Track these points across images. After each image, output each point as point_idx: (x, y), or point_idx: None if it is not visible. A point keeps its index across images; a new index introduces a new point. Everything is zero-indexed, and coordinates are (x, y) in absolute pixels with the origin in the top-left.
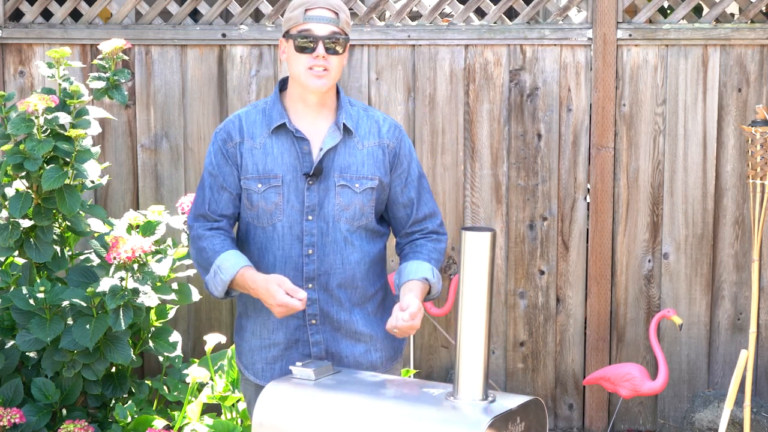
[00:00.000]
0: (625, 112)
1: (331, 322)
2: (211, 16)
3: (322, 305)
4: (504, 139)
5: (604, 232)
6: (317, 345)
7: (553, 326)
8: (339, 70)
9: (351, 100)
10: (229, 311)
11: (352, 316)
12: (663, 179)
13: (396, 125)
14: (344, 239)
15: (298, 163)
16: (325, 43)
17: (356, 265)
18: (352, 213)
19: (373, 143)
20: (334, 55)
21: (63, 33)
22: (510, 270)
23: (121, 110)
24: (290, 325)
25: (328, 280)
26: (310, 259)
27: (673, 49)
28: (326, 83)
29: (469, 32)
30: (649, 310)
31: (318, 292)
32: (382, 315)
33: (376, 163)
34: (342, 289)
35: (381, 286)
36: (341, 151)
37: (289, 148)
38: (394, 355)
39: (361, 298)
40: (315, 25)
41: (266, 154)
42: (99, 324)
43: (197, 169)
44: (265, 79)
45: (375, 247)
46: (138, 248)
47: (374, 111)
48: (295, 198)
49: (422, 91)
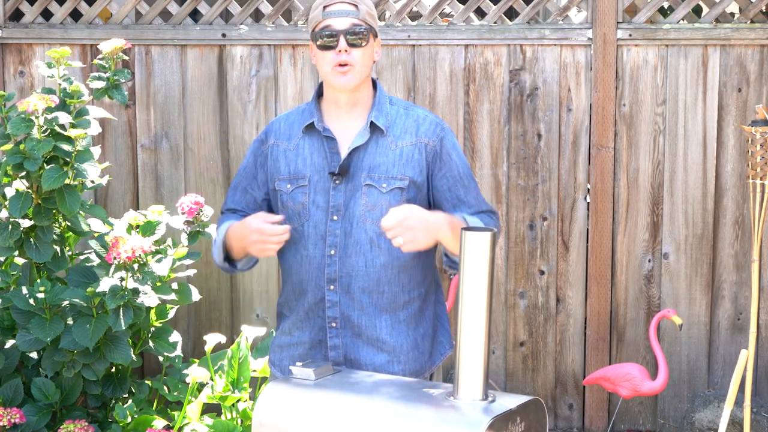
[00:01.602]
0: (625, 112)
1: (352, 327)
2: (211, 16)
3: (343, 308)
4: (504, 139)
5: (604, 232)
6: (335, 349)
7: (553, 326)
8: (366, 65)
9: (393, 99)
10: (229, 311)
11: (376, 321)
12: (663, 179)
13: (437, 123)
14: (369, 241)
15: (326, 162)
16: (347, 37)
17: (382, 268)
18: (379, 214)
19: (409, 142)
20: (356, 47)
21: (63, 33)
22: (510, 270)
23: (121, 110)
24: (315, 325)
25: (350, 282)
26: (332, 259)
27: (673, 49)
28: (351, 80)
29: (469, 32)
30: (649, 310)
31: (339, 295)
32: (415, 325)
33: (410, 163)
34: (365, 293)
35: (418, 294)
36: (371, 151)
37: (319, 148)
38: (419, 370)
39: (389, 304)
40: (334, 20)
41: (297, 155)
42: (99, 324)
43: (197, 169)
44: (265, 80)
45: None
46: (138, 248)
47: (416, 109)
48: (321, 198)
49: (422, 91)
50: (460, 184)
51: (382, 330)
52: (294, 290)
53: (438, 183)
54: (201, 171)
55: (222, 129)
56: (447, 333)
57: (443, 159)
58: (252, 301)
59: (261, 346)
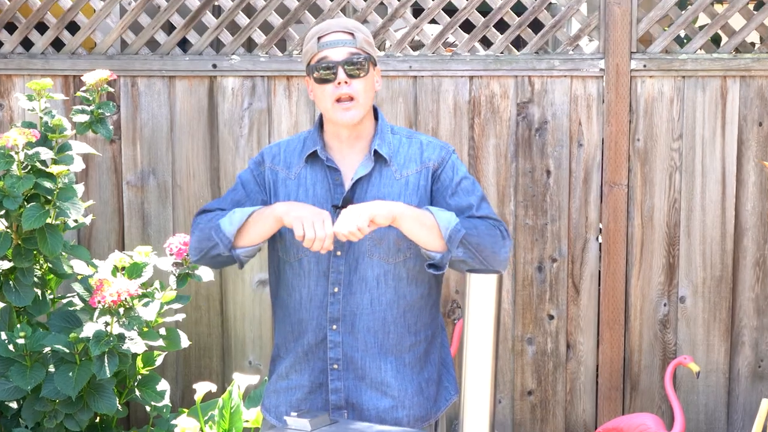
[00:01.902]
0: (640, 148)
1: (355, 370)
2: (201, 45)
3: (346, 349)
4: (511, 175)
5: (616, 275)
6: (337, 393)
7: (563, 374)
8: (368, 96)
9: (394, 128)
10: (220, 358)
11: (381, 364)
12: (679, 218)
13: (442, 146)
14: (375, 278)
15: (329, 195)
16: (345, 68)
17: (388, 307)
18: (386, 248)
19: (414, 170)
20: (356, 78)
21: (44, 63)
22: (517, 314)
23: (105, 145)
24: (315, 368)
25: (354, 321)
26: (336, 297)
27: (690, 81)
28: (356, 114)
29: (474, 63)
30: (664, 357)
31: (342, 335)
32: (420, 369)
33: (415, 194)
34: (370, 334)
35: (425, 337)
36: (375, 182)
37: (322, 179)
38: (425, 416)
39: (395, 345)
40: (330, 50)
41: (299, 185)
42: (82, 371)
43: (186, 208)
44: (258, 113)
45: (416, 290)
46: (124, 291)
47: (419, 136)
48: None
49: (424, 125)
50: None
51: (387, 373)
52: (292, 330)
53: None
54: (190, 209)
55: (213, 165)
56: (452, 378)
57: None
58: (244, 347)
59: (254, 395)
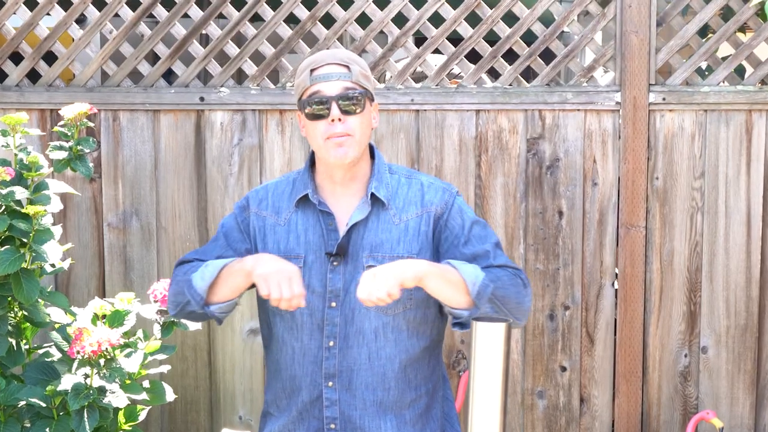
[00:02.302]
0: (659, 187)
1: (353, 429)
2: (187, 77)
3: (344, 408)
4: (520, 216)
5: (634, 323)
6: None
7: (577, 430)
8: (364, 134)
9: (393, 167)
10: (207, 413)
11: (381, 422)
12: (701, 262)
13: (445, 189)
14: (374, 330)
15: (322, 241)
16: (339, 104)
17: (387, 361)
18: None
19: (414, 214)
20: (351, 115)
21: (19, 96)
22: (527, 366)
23: (85, 184)
24: (310, 427)
25: (352, 378)
26: (331, 352)
27: (712, 115)
28: (349, 152)
29: (481, 95)
30: (685, 412)
31: (339, 393)
32: (422, 426)
33: (416, 239)
34: (369, 390)
35: (426, 391)
36: (372, 227)
37: (314, 224)
38: None
39: (395, 402)
40: (324, 84)
41: (289, 231)
42: (60, 427)
43: (171, 251)
44: (249, 149)
45: (417, 342)
46: (104, 341)
47: (420, 176)
48: (317, 281)
49: (427, 163)
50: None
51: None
52: (284, 387)
53: (447, 250)
54: (176, 253)
55: (200, 205)
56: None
57: (449, 223)
58: (234, 401)
59: None
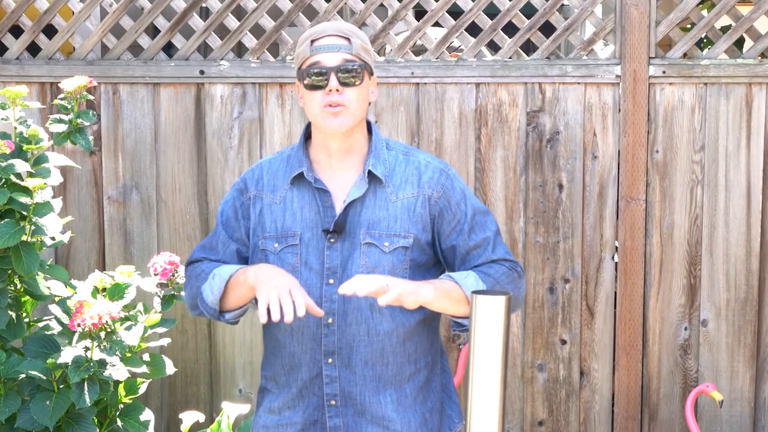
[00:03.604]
0: (658, 160)
1: (354, 405)
2: (187, 50)
3: (344, 384)
4: (520, 190)
5: (634, 296)
6: (336, 430)
7: (577, 403)
8: (360, 106)
9: (390, 143)
10: (208, 386)
11: (381, 397)
12: (701, 236)
13: (442, 170)
14: (370, 306)
15: (318, 218)
16: (338, 75)
17: (386, 336)
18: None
19: (411, 194)
20: (350, 87)
21: (19, 69)
22: (527, 339)
23: (85, 157)
24: (310, 404)
25: (351, 354)
26: (330, 329)
27: (712, 88)
28: (344, 122)
29: (481, 69)
30: (685, 385)
31: (339, 369)
32: (423, 399)
33: (412, 218)
34: (369, 366)
35: (425, 363)
36: (369, 204)
37: (310, 201)
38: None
39: (394, 376)
40: (324, 55)
41: (285, 209)
42: (60, 400)
43: (171, 224)
44: (249, 122)
45: (413, 316)
46: (105, 314)
47: (417, 154)
48: (314, 259)
49: (427, 136)
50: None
51: (388, 406)
52: (283, 364)
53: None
54: (176, 226)
55: (200, 179)
56: (456, 405)
57: (452, 211)
58: (234, 374)
59: (244, 425)
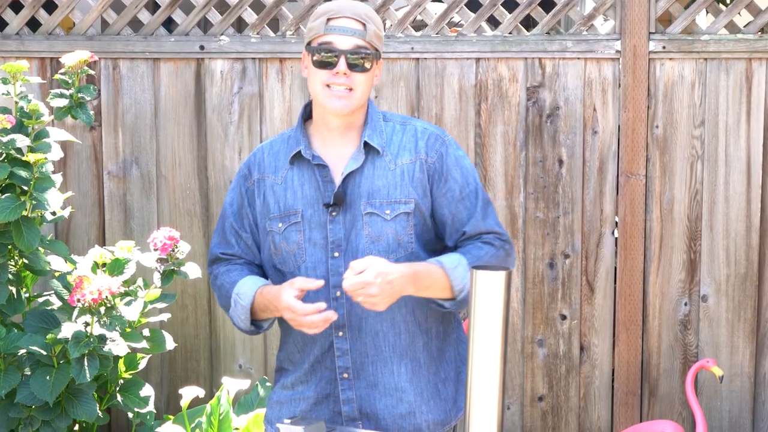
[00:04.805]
0: (659, 135)
1: (366, 377)
2: (187, 26)
3: (355, 356)
4: (520, 165)
5: (634, 272)
6: (349, 403)
7: (577, 378)
8: (366, 90)
9: (387, 114)
10: (207, 361)
11: (394, 368)
12: (701, 211)
13: (437, 135)
14: None
15: (318, 193)
16: (348, 59)
17: (396, 307)
18: (386, 245)
19: (408, 159)
20: (359, 72)
21: (19, 45)
22: (527, 314)
23: (85, 132)
24: (322, 378)
25: (361, 326)
26: (339, 302)
27: (712, 63)
28: (348, 105)
29: (481, 44)
30: (685, 360)
31: (350, 342)
32: (436, 369)
33: (413, 183)
34: (380, 337)
35: (437, 333)
36: (369, 174)
37: (310, 178)
38: (444, 419)
39: (406, 347)
40: (337, 37)
41: (286, 188)
42: (60, 375)
43: (171, 200)
44: (249, 97)
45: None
46: (105, 289)
47: (414, 122)
48: (318, 234)
49: (427, 111)
50: (461, 204)
51: (401, 377)
52: (296, 342)
53: (438, 204)
54: (176, 201)
55: (200, 154)
56: None
57: (444, 174)
58: (234, 349)
59: (244, 401)
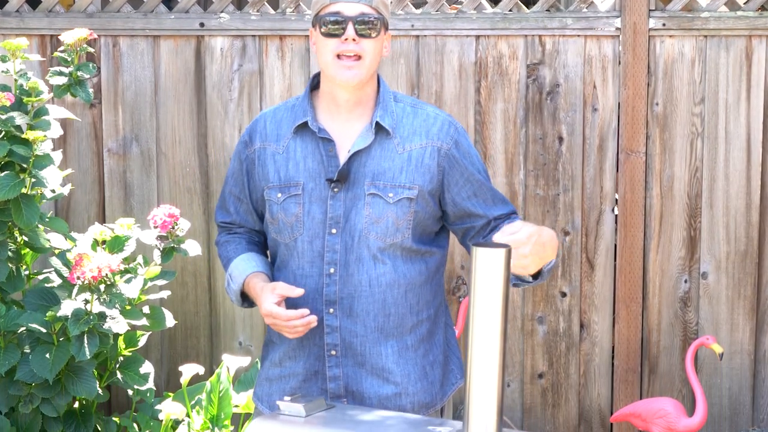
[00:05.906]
0: (658, 112)
1: (354, 356)
2: (187, 3)
3: (344, 334)
4: (520, 142)
5: (634, 249)
6: (335, 380)
7: (577, 355)
8: (375, 59)
9: (398, 95)
10: (207, 338)
11: (381, 348)
12: (701, 188)
13: (450, 122)
14: (373, 257)
15: (322, 168)
16: (356, 26)
17: (387, 288)
18: (384, 228)
19: (419, 145)
20: (366, 38)
21: (19, 22)
22: (527, 292)
23: (85, 110)
24: (311, 354)
25: (353, 304)
26: (332, 279)
27: (712, 41)
28: (358, 74)
29: (481, 21)
30: (685, 338)
31: (340, 319)
32: (424, 352)
33: (419, 170)
34: (370, 317)
35: (427, 316)
36: (375, 155)
37: (313, 150)
38: (429, 402)
39: (396, 328)
40: (343, 5)
41: (288, 158)
42: (60, 353)
43: (171, 177)
44: (249, 75)
45: (415, 268)
46: (105, 267)
47: (425, 106)
48: (317, 208)
49: (427, 89)
50: (485, 188)
51: (388, 358)
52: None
53: (458, 191)
54: (176, 179)
55: (200, 131)
56: (458, 360)
57: (459, 164)
58: (234, 327)
59: (244, 378)
